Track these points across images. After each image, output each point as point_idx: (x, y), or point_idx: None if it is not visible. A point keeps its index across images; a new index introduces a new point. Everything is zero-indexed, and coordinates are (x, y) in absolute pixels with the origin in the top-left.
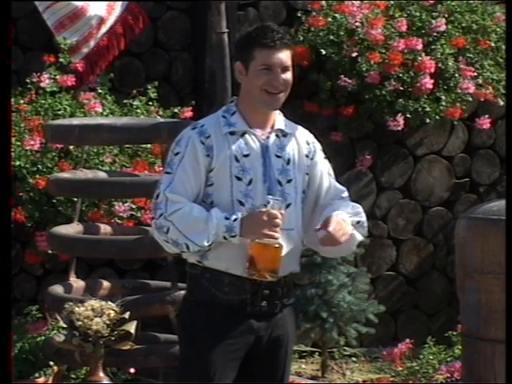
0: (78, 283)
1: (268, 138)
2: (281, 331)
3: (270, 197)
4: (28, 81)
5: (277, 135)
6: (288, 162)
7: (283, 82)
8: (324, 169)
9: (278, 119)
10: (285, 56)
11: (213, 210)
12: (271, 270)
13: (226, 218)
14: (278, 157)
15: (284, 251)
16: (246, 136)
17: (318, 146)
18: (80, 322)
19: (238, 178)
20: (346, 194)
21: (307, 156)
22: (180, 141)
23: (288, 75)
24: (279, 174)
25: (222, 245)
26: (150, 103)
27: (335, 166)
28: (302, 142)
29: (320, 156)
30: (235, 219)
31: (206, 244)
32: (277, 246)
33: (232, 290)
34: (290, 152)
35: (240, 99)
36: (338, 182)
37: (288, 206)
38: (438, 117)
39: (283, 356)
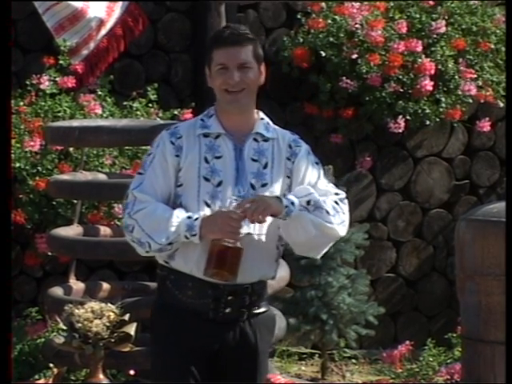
0: (77, 285)
1: (244, 141)
2: (250, 342)
3: (234, 197)
4: (28, 83)
5: (255, 139)
6: (265, 166)
7: (239, 81)
8: (309, 172)
9: (259, 123)
10: (241, 53)
11: (176, 210)
12: (228, 272)
13: (189, 218)
14: (255, 160)
15: (253, 256)
16: (220, 139)
17: (305, 150)
18: (80, 324)
19: (206, 179)
20: (332, 193)
21: (289, 159)
22: (155, 142)
23: (247, 73)
24: (253, 178)
25: (188, 246)
26: (150, 105)
27: (335, 168)
28: (284, 146)
29: (305, 159)
30: (196, 218)
31: (164, 242)
32: (235, 247)
33: (195, 294)
34: (269, 156)
35: (216, 104)
36: (335, 185)
37: None
38: (437, 119)
39: (254, 367)
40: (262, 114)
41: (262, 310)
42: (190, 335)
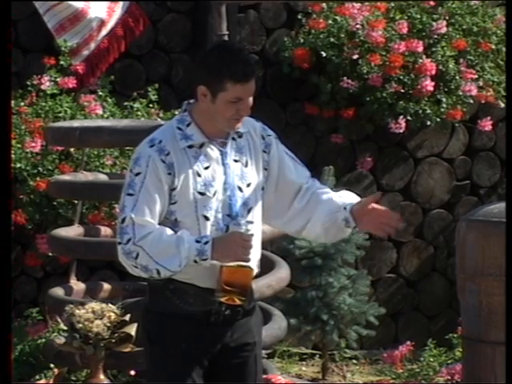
0: (78, 285)
1: (225, 143)
2: (247, 337)
3: (243, 221)
4: (28, 83)
5: (233, 138)
6: (246, 164)
7: (250, 107)
8: (282, 154)
9: None
10: (253, 84)
11: (183, 233)
12: (241, 294)
13: (197, 242)
14: (236, 161)
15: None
16: (205, 147)
17: (273, 136)
18: (80, 325)
19: (201, 193)
20: (308, 173)
21: (264, 151)
22: (139, 160)
23: (252, 97)
24: (239, 180)
25: None
26: (151, 105)
27: (336, 168)
28: (258, 138)
29: (276, 146)
30: (206, 242)
31: (178, 269)
32: (248, 269)
33: (197, 302)
34: (247, 153)
35: (197, 112)
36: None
37: (249, 210)
38: (438, 119)
39: (253, 362)
40: None
41: (252, 305)
42: (192, 341)
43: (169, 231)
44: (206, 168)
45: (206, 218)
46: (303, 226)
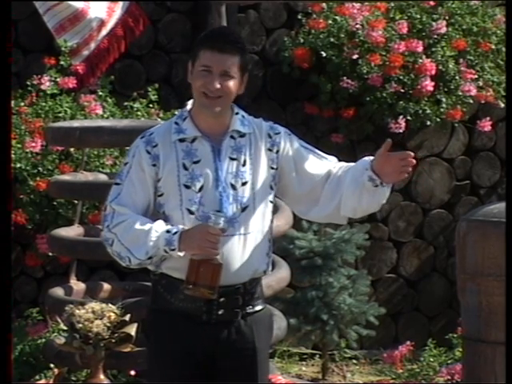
0: (78, 285)
1: (221, 141)
2: (247, 341)
3: (212, 212)
4: (28, 83)
5: (232, 136)
6: (244, 163)
7: (219, 88)
8: (297, 148)
9: (234, 119)
10: (228, 61)
11: (156, 223)
12: (208, 287)
13: (168, 232)
14: (233, 159)
15: (241, 256)
16: (197, 142)
17: (284, 133)
18: (80, 325)
19: (187, 187)
20: (335, 159)
21: (270, 150)
22: (129, 151)
23: (228, 82)
24: (233, 178)
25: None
26: (151, 105)
27: None
28: (264, 137)
29: (290, 142)
30: (175, 232)
31: (144, 257)
32: (215, 263)
33: (186, 298)
34: (247, 153)
35: (194, 107)
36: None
37: (244, 209)
38: (438, 119)
39: (252, 367)
40: (236, 108)
41: (257, 308)
42: (185, 340)
43: (144, 220)
44: (196, 162)
45: (190, 212)
46: (338, 204)
